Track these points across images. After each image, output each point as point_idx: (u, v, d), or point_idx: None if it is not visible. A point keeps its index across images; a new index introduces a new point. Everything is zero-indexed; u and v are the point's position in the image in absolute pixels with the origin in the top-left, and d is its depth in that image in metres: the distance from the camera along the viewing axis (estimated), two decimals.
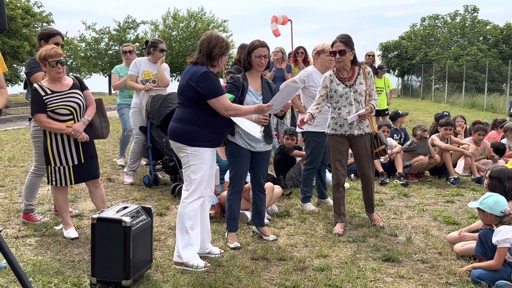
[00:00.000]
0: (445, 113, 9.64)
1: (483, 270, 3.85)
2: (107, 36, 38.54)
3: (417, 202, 6.39)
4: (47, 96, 4.56)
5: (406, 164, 7.65)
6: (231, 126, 4.45)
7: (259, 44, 4.54)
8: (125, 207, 3.84)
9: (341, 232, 5.01)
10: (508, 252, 3.82)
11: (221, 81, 4.92)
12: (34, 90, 4.60)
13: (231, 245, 4.58)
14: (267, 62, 4.59)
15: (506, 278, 3.73)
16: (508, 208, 4.02)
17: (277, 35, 12.11)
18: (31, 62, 5.13)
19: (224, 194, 5.13)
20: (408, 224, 5.42)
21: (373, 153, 5.22)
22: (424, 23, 41.06)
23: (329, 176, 6.19)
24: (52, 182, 4.68)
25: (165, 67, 7.02)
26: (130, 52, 8.07)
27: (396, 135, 9.24)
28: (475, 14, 38.51)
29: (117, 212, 3.72)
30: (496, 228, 3.93)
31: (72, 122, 4.63)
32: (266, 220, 5.18)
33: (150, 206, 4.00)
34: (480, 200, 4.17)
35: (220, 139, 4.31)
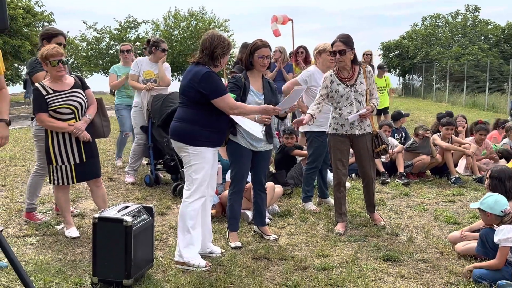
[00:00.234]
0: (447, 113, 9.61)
1: (484, 270, 3.84)
2: (108, 36, 38.55)
3: (418, 202, 6.38)
4: (49, 96, 4.57)
5: (408, 164, 7.64)
6: (233, 126, 4.44)
7: (262, 45, 4.53)
8: (126, 207, 3.84)
9: (342, 232, 5.01)
10: (510, 252, 3.82)
11: (223, 81, 4.92)
12: (36, 90, 4.61)
13: (232, 245, 4.58)
14: (269, 62, 4.60)
15: (508, 278, 3.72)
16: (509, 208, 4.02)
17: (277, 35, 12.01)
18: (33, 62, 5.15)
19: (225, 194, 5.13)
20: (409, 224, 5.41)
21: (374, 153, 5.22)
22: (425, 23, 41.05)
23: (331, 176, 6.19)
24: (54, 182, 4.68)
25: (166, 67, 7.03)
26: (128, 52, 8.05)
27: (397, 135, 9.24)
28: (477, 14, 38.51)
29: (119, 212, 3.72)
30: (498, 228, 3.93)
31: (74, 121, 4.63)
32: (267, 220, 5.18)
33: (151, 206, 4.00)
34: (481, 201, 4.17)
35: (222, 139, 4.30)
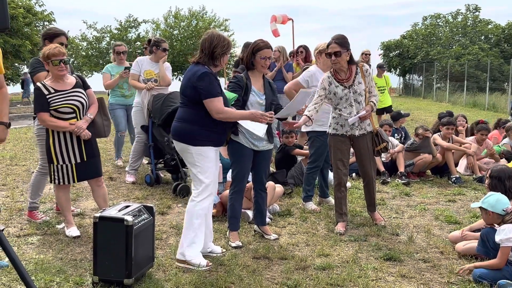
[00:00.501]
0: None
1: (485, 270, 3.84)
2: (109, 35, 38.55)
3: (419, 201, 6.39)
4: (50, 95, 4.57)
5: (409, 163, 7.63)
6: (235, 126, 4.44)
7: (264, 46, 4.53)
8: (127, 206, 3.85)
9: (343, 231, 5.02)
10: (511, 251, 3.82)
11: (222, 80, 4.92)
12: (37, 89, 4.61)
13: (233, 244, 4.59)
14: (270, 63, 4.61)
15: (508, 278, 3.72)
16: (510, 207, 4.02)
17: (277, 36, 11.94)
18: (35, 62, 5.15)
19: (226, 193, 5.13)
20: (410, 223, 5.42)
21: (375, 151, 5.22)
22: (426, 22, 40.99)
23: (331, 176, 6.19)
24: (55, 181, 4.69)
25: (167, 66, 7.03)
26: (124, 53, 8.00)
27: (397, 135, 9.23)
28: (477, 13, 38.45)
29: (119, 211, 3.73)
30: (499, 227, 3.93)
31: (75, 121, 4.64)
32: (268, 219, 5.19)
33: (152, 205, 4.00)
34: (482, 199, 4.18)
35: (223, 139, 4.31)
